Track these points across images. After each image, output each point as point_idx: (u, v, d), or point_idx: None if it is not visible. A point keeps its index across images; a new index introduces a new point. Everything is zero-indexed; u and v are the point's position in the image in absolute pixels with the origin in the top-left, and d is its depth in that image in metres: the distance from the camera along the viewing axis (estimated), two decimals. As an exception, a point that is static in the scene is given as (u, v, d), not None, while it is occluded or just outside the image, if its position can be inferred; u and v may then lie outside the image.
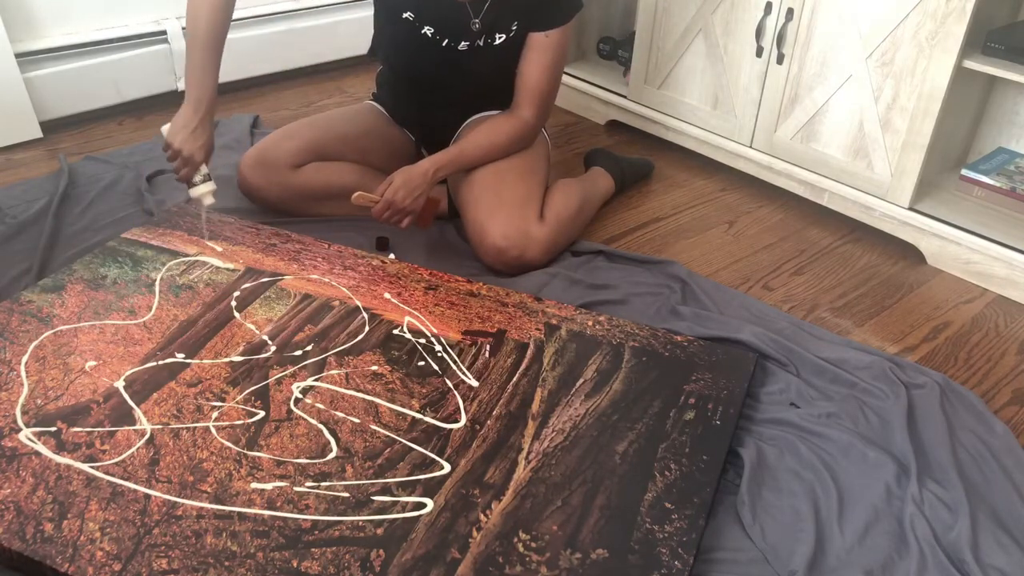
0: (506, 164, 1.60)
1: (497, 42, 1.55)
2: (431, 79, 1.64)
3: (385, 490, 1.06)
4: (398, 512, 1.03)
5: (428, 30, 1.53)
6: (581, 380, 1.26)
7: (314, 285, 1.44)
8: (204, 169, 1.51)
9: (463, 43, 1.54)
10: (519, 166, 1.60)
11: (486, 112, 1.68)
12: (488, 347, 1.32)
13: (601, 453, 1.13)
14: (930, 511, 1.09)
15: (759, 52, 1.83)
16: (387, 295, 1.43)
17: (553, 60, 1.58)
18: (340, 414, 1.18)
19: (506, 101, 1.64)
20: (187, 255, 1.50)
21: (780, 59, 1.80)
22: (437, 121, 1.72)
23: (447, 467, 1.10)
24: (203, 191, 1.52)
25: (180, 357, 1.26)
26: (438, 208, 1.63)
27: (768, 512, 1.09)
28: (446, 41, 1.54)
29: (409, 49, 1.59)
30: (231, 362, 1.26)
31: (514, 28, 1.54)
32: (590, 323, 1.39)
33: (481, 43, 1.54)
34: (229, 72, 2.34)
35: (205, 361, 1.26)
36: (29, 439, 1.10)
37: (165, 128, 1.50)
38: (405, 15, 1.53)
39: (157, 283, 1.42)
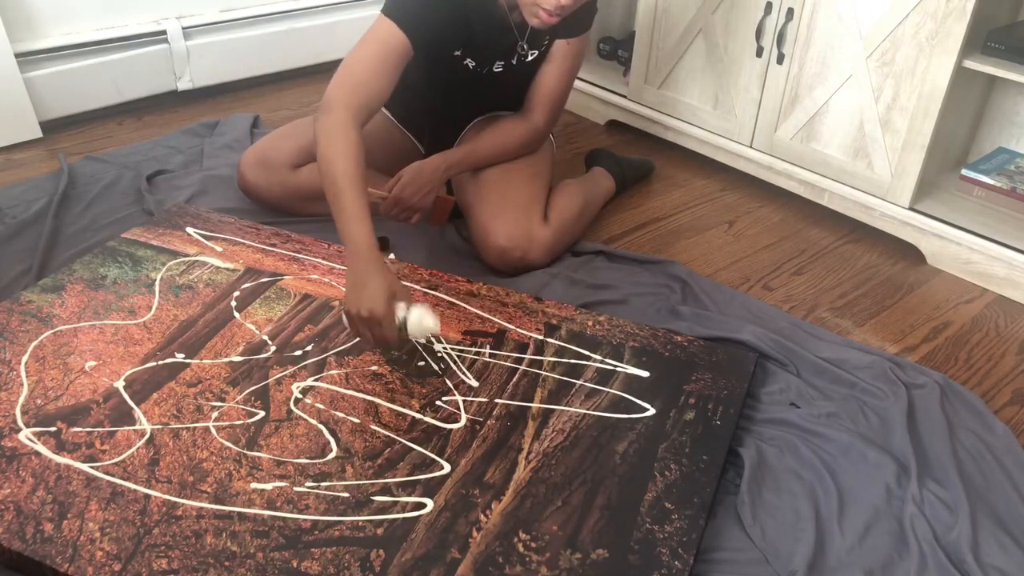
0: (512, 165, 1.60)
1: (530, 59, 1.55)
2: (456, 100, 1.64)
3: (385, 490, 1.06)
4: (398, 512, 1.03)
5: (470, 62, 1.53)
6: (581, 380, 1.26)
7: (314, 285, 1.44)
8: (402, 308, 1.19)
9: (498, 64, 1.54)
10: (525, 168, 1.61)
11: (493, 113, 1.68)
12: (488, 347, 1.32)
13: (601, 453, 1.13)
14: (930, 511, 1.09)
15: (759, 52, 1.83)
16: (387, 295, 1.43)
17: (571, 67, 1.59)
18: (340, 414, 1.18)
19: (514, 103, 1.64)
20: (187, 255, 1.50)
21: (780, 59, 1.80)
22: (447, 125, 1.72)
23: (447, 467, 1.10)
24: (423, 321, 1.18)
25: (180, 357, 1.26)
26: (452, 206, 1.62)
27: (768, 512, 1.09)
28: (486, 69, 1.55)
29: (443, 77, 1.58)
30: (231, 362, 1.26)
31: (546, 42, 1.55)
32: (590, 323, 1.39)
33: (515, 62, 1.55)
34: (229, 72, 2.35)
35: (205, 361, 1.26)
36: (29, 439, 1.10)
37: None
38: (456, 53, 1.51)
39: (157, 283, 1.42)
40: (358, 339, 1.31)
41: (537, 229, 1.54)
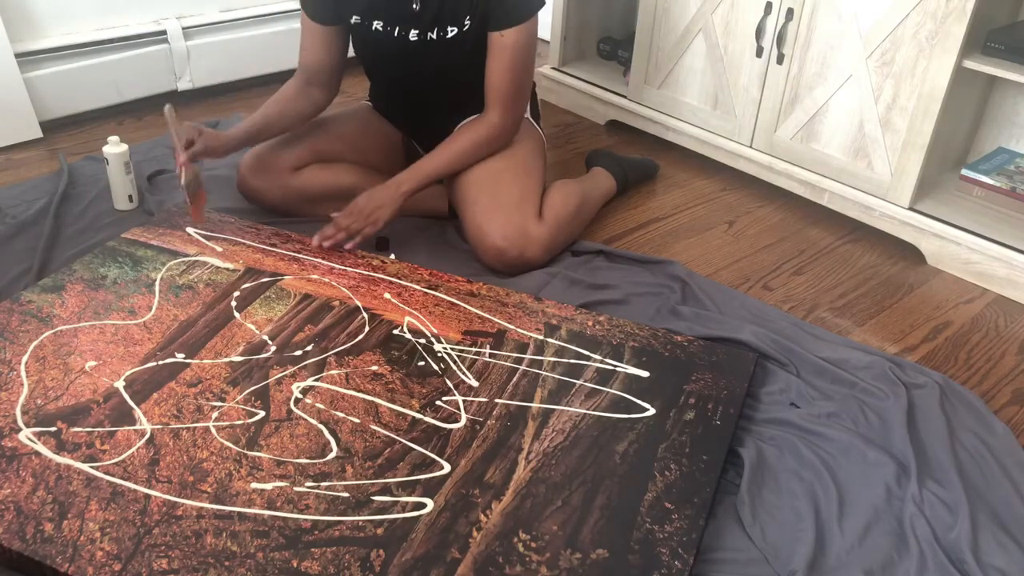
0: (501, 164, 1.59)
1: (449, 35, 1.52)
2: (399, 76, 1.64)
3: (385, 490, 1.06)
4: (398, 512, 1.03)
5: (377, 24, 1.54)
6: (581, 380, 1.26)
7: (314, 285, 1.44)
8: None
9: (413, 32, 1.52)
10: (514, 165, 1.60)
11: (476, 116, 1.66)
12: (488, 347, 1.32)
13: (601, 453, 1.13)
14: (930, 511, 1.09)
15: (759, 52, 1.83)
16: (387, 295, 1.43)
17: (513, 61, 1.53)
18: (340, 414, 1.18)
19: (459, 86, 1.62)
20: (187, 255, 1.50)
21: (780, 59, 1.80)
22: (422, 120, 1.72)
23: (447, 467, 1.10)
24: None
25: (180, 357, 1.26)
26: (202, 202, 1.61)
27: (768, 512, 1.09)
28: (396, 30, 1.53)
29: (369, 50, 1.61)
30: (231, 362, 1.26)
31: (467, 23, 1.52)
32: (590, 323, 1.39)
33: (434, 36, 1.53)
34: (229, 72, 2.35)
35: (205, 361, 1.26)
36: (29, 439, 1.10)
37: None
38: (353, 20, 1.55)
39: (157, 283, 1.42)
40: (359, 339, 1.32)
41: (532, 226, 1.54)
